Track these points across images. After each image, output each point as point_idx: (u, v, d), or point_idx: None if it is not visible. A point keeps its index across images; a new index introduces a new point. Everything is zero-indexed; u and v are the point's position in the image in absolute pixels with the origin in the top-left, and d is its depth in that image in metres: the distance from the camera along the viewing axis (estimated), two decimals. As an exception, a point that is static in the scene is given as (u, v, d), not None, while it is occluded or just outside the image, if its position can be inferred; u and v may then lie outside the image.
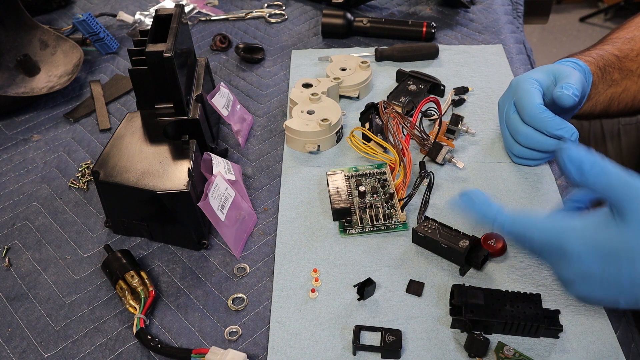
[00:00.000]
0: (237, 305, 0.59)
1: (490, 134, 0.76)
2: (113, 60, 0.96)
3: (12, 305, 0.60)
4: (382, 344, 0.53)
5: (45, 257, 0.65)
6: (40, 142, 0.80)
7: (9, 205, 0.71)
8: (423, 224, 0.62)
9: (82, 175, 0.74)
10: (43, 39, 0.92)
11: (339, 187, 0.67)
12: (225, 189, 0.62)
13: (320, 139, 0.74)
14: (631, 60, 0.73)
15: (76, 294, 0.61)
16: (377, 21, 0.96)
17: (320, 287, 0.60)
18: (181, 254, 0.65)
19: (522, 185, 0.69)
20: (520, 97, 0.66)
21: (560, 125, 0.63)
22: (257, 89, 0.88)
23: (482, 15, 1.01)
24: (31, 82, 0.90)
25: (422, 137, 0.71)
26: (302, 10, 1.06)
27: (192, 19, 1.04)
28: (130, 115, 0.70)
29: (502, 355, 0.52)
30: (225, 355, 0.52)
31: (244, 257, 0.64)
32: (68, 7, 1.10)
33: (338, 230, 0.65)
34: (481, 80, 0.86)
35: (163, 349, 0.54)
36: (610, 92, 0.73)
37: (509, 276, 0.60)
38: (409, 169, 0.67)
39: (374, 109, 0.74)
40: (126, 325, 0.58)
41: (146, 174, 0.61)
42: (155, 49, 0.63)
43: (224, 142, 0.79)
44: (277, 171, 0.73)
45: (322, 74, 0.88)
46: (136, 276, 0.59)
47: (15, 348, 0.57)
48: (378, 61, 0.91)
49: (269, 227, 0.67)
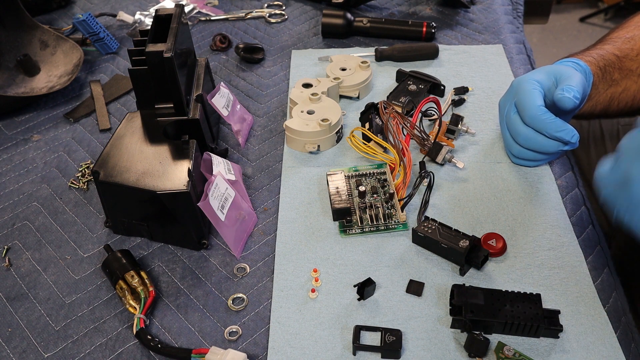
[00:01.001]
0: (237, 305, 0.59)
1: (490, 134, 0.76)
2: (113, 60, 0.96)
3: (12, 305, 0.60)
4: (382, 344, 0.53)
5: (45, 257, 0.65)
6: (40, 142, 0.80)
7: (9, 205, 0.71)
8: (423, 224, 0.62)
9: (82, 175, 0.74)
10: (43, 39, 0.92)
11: (339, 187, 0.67)
12: (225, 189, 0.62)
13: (320, 139, 0.74)
14: (631, 60, 0.73)
15: (76, 294, 0.61)
16: (377, 21, 0.96)
17: (320, 287, 0.60)
18: (181, 254, 0.65)
19: (522, 185, 0.69)
20: (521, 98, 0.66)
21: (560, 127, 0.63)
22: (257, 89, 0.88)
23: (482, 15, 1.01)
24: (31, 82, 0.90)
25: (422, 137, 0.71)
26: (302, 10, 1.06)
27: (192, 19, 1.04)
28: (130, 115, 0.70)
29: (502, 355, 0.52)
30: (225, 355, 0.52)
31: (244, 257, 0.64)
32: (68, 7, 1.10)
33: (338, 230, 0.65)
34: (481, 80, 0.86)
35: (163, 349, 0.54)
36: (611, 91, 0.73)
37: (509, 276, 0.60)
38: (409, 169, 0.67)
39: (374, 109, 0.74)
40: (126, 325, 0.58)
41: (146, 174, 0.61)
42: (155, 49, 0.63)
43: (224, 142, 0.79)
44: (277, 171, 0.73)
45: (322, 74, 0.88)
46: (136, 276, 0.59)
47: (15, 348, 0.57)
48: (378, 61, 0.91)
49: (269, 227, 0.67)
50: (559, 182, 0.70)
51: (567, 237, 0.63)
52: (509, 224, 0.65)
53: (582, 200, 0.70)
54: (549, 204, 0.67)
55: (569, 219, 0.66)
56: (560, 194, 0.68)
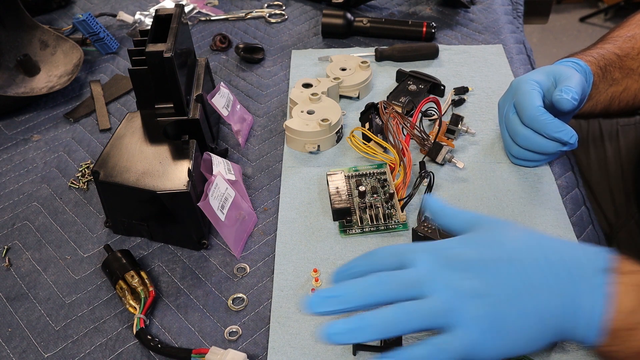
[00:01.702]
0: (237, 305, 0.59)
1: (490, 134, 0.76)
2: (113, 60, 0.96)
3: (12, 305, 0.60)
4: (382, 344, 0.53)
5: (45, 257, 0.65)
6: (40, 142, 0.80)
7: (9, 205, 0.71)
8: (423, 224, 0.62)
9: (82, 175, 0.74)
10: (43, 39, 0.92)
11: (339, 187, 0.67)
12: (225, 189, 0.62)
13: (320, 139, 0.74)
14: (632, 59, 0.73)
15: (76, 294, 0.61)
16: (377, 21, 0.96)
17: (320, 287, 0.60)
18: (181, 254, 0.65)
19: (522, 186, 0.69)
20: (520, 98, 0.66)
21: (559, 127, 0.63)
22: (257, 89, 0.88)
23: (482, 15, 1.01)
24: (31, 82, 0.90)
25: (422, 137, 0.71)
26: (302, 10, 1.06)
27: (192, 19, 1.04)
28: (130, 115, 0.70)
29: (502, 355, 0.52)
30: (225, 355, 0.52)
31: (244, 257, 0.64)
32: (68, 7, 1.10)
33: (338, 230, 0.65)
34: (481, 80, 0.86)
35: (163, 349, 0.54)
36: (611, 91, 0.73)
37: (509, 276, 0.60)
38: (409, 169, 0.67)
39: (374, 109, 0.74)
40: (126, 325, 0.58)
41: (146, 174, 0.61)
42: (155, 49, 0.63)
43: (224, 142, 0.79)
44: (277, 171, 0.73)
45: (322, 74, 0.88)
46: (136, 276, 0.59)
47: (15, 348, 0.57)
48: (378, 61, 0.91)
49: (269, 227, 0.67)
50: (559, 182, 0.70)
51: (567, 237, 0.63)
52: (509, 224, 0.65)
53: (582, 200, 0.70)
54: (549, 204, 0.67)
55: (569, 219, 0.66)
56: (560, 194, 0.68)
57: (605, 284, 0.44)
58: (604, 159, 0.92)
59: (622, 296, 0.44)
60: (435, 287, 0.44)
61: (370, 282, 0.45)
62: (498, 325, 0.44)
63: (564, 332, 0.45)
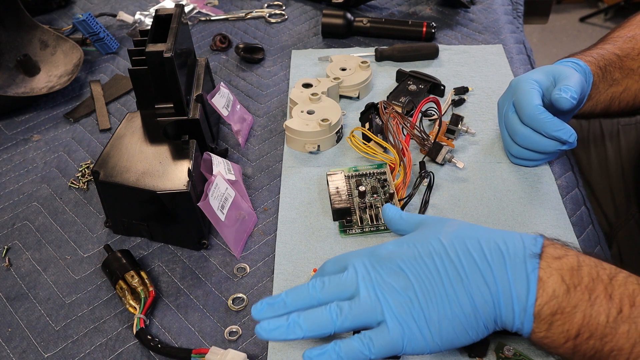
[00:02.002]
0: (237, 305, 0.59)
1: (490, 134, 0.76)
2: (113, 60, 0.96)
3: (12, 305, 0.60)
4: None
5: (45, 257, 0.65)
6: (40, 142, 0.80)
7: (9, 205, 0.71)
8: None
9: (82, 175, 0.74)
10: (43, 39, 0.92)
11: (339, 187, 0.67)
12: (225, 189, 0.62)
13: (320, 139, 0.74)
14: (632, 59, 0.73)
15: (76, 294, 0.61)
16: (377, 21, 0.96)
17: (320, 287, 0.60)
18: (181, 254, 0.65)
19: (522, 185, 0.69)
20: (519, 97, 0.66)
21: (558, 126, 0.63)
22: (257, 89, 0.88)
23: (482, 15, 1.01)
24: (31, 82, 0.90)
25: (422, 137, 0.71)
26: (302, 10, 1.06)
27: (192, 19, 1.04)
28: (130, 115, 0.70)
29: (502, 355, 0.52)
30: (225, 355, 0.52)
31: (244, 257, 0.64)
32: (68, 7, 1.10)
33: (338, 230, 0.65)
34: (481, 80, 0.86)
35: (163, 349, 0.54)
36: (611, 91, 0.73)
37: (509, 276, 0.60)
38: (409, 169, 0.67)
39: (374, 109, 0.74)
40: (126, 325, 0.58)
41: (146, 174, 0.61)
42: (155, 49, 0.63)
43: (224, 142, 0.79)
44: (277, 171, 0.73)
45: (322, 74, 0.88)
46: (136, 276, 0.59)
47: (15, 348, 0.57)
48: (378, 61, 0.91)
49: (269, 227, 0.67)
50: (559, 182, 0.70)
51: (567, 237, 0.63)
52: (509, 224, 0.65)
53: (582, 200, 0.70)
54: (549, 204, 0.67)
55: (569, 219, 0.66)
56: (560, 194, 0.68)
57: (536, 269, 0.46)
58: (605, 159, 0.92)
59: (545, 280, 0.46)
60: (364, 286, 0.48)
61: (310, 285, 0.49)
62: (423, 317, 0.46)
63: (502, 319, 0.47)
